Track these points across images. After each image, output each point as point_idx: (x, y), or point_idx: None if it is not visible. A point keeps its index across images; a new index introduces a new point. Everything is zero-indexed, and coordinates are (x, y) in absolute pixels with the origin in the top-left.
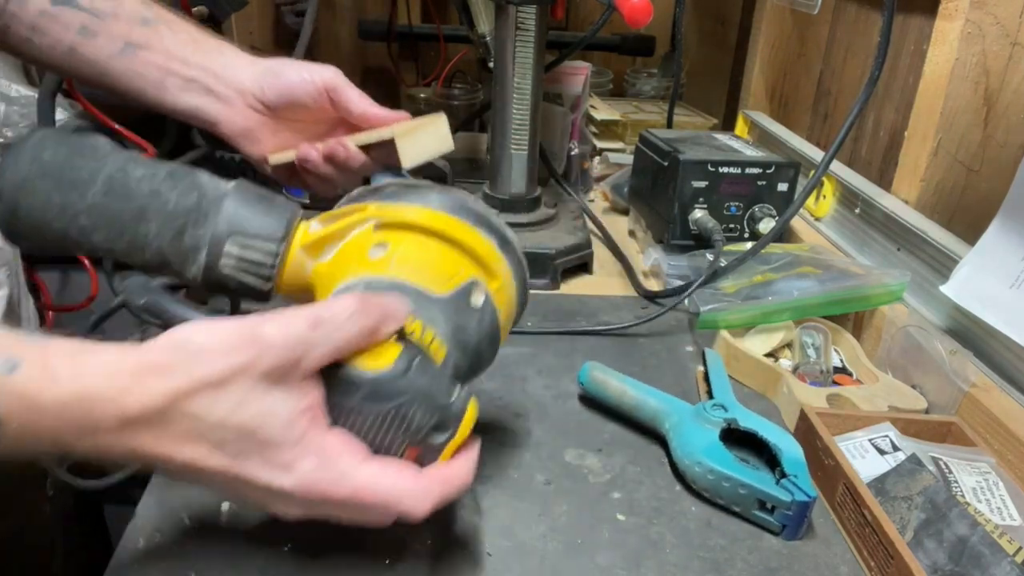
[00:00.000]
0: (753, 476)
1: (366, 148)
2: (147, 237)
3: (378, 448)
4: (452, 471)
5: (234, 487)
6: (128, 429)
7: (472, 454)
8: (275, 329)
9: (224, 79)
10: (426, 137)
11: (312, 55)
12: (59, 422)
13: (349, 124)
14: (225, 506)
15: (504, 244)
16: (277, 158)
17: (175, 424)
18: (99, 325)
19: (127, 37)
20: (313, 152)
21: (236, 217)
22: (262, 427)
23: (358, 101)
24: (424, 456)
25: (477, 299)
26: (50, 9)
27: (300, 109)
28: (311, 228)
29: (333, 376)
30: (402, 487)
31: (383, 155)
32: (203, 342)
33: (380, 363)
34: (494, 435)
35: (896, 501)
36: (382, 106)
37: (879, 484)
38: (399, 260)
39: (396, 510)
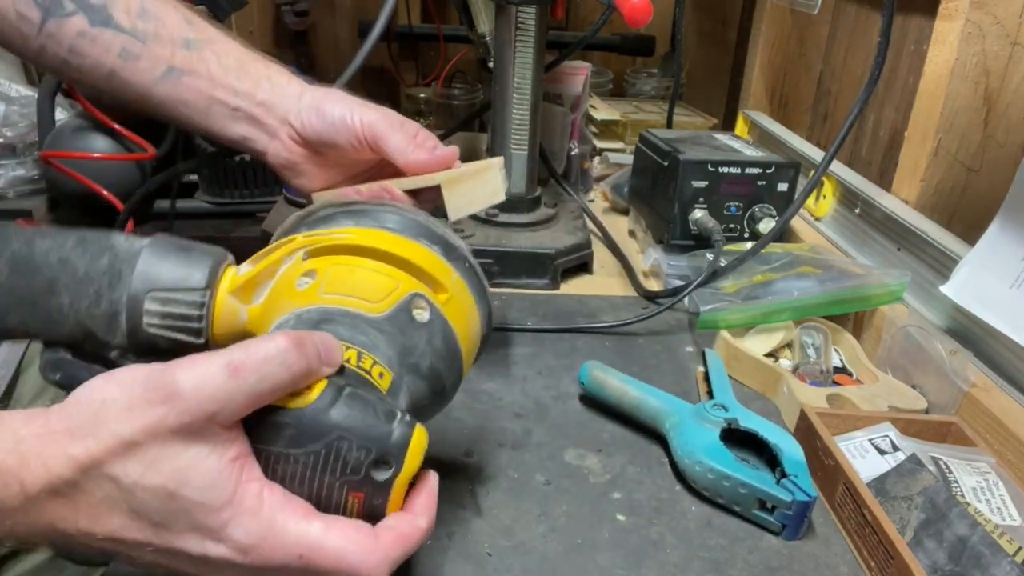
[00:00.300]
0: (753, 476)
1: (413, 192)
2: (62, 310)
3: (317, 498)
4: (409, 526)
5: (169, 561)
6: (37, 505)
7: (429, 491)
8: (188, 378)
9: (270, 109)
10: (475, 188)
11: (312, 55)
12: None
13: (388, 174)
14: None
15: (449, 252)
16: (321, 197)
17: (87, 494)
18: None
19: (170, 61)
20: (356, 196)
21: (152, 272)
22: (181, 487)
23: (401, 151)
24: (371, 499)
25: (421, 314)
26: (89, 30)
27: (340, 150)
28: (240, 271)
29: (253, 421)
30: (354, 550)
31: (431, 198)
32: (109, 398)
33: (303, 400)
34: (494, 436)
35: (896, 501)
36: (430, 148)
37: (879, 484)
38: (327, 286)
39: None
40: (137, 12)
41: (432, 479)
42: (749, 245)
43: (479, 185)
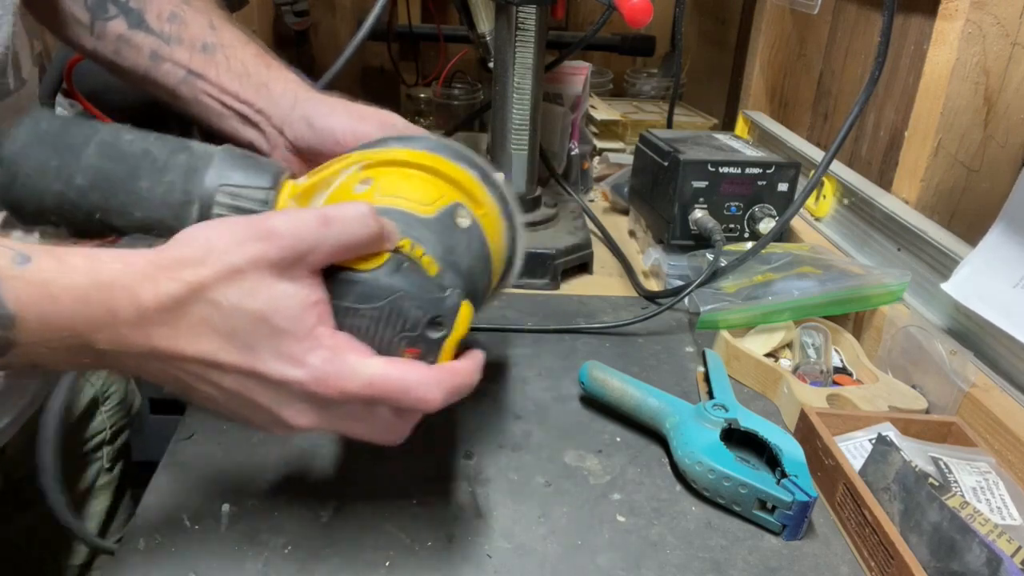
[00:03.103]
0: (754, 476)
1: None
2: (140, 193)
3: (379, 349)
4: (459, 365)
5: (247, 391)
6: (145, 321)
7: (477, 357)
8: (284, 222)
9: (268, 118)
10: None
11: (312, 55)
12: (77, 311)
13: None
14: (225, 507)
15: (486, 178)
16: None
17: (190, 315)
18: None
19: (188, 64)
20: None
21: (225, 171)
22: (273, 314)
23: None
24: (425, 356)
25: (463, 220)
26: (126, 32)
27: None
28: (298, 181)
29: (329, 279)
30: (413, 376)
31: None
32: (215, 236)
33: (372, 264)
34: (494, 437)
35: (878, 493)
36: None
37: (863, 478)
38: (383, 190)
39: (411, 398)
40: (168, 16)
41: (479, 353)
42: (749, 245)
43: None
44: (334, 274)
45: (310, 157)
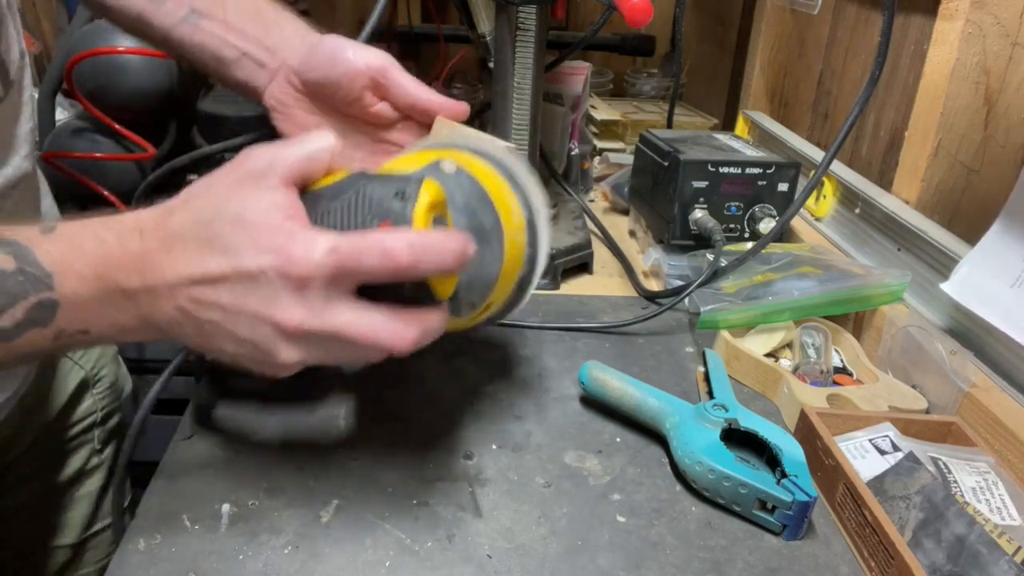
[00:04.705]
0: (754, 476)
1: None
2: None
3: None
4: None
5: (240, 301)
6: (147, 251)
7: (454, 233)
8: (256, 150)
9: (275, 53)
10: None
11: None
12: (100, 254)
13: (386, 123)
14: (225, 507)
15: (483, 155)
16: None
17: (178, 235)
18: None
19: (192, 4)
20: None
21: None
22: (246, 212)
23: (409, 86)
24: (396, 225)
25: (448, 167)
26: None
27: (337, 90)
28: None
29: (305, 198)
30: (373, 237)
31: None
32: (211, 176)
33: (337, 177)
34: (494, 438)
35: (894, 501)
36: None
37: (877, 484)
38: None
39: (383, 258)
40: None
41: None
42: (749, 245)
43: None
44: (308, 193)
45: (314, 85)
